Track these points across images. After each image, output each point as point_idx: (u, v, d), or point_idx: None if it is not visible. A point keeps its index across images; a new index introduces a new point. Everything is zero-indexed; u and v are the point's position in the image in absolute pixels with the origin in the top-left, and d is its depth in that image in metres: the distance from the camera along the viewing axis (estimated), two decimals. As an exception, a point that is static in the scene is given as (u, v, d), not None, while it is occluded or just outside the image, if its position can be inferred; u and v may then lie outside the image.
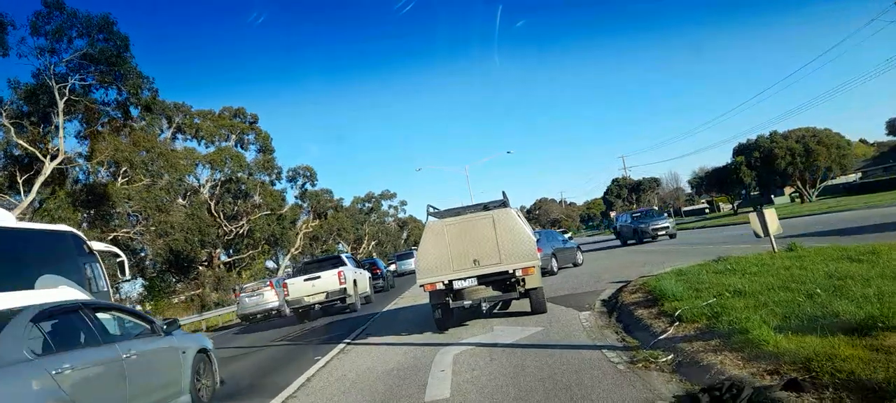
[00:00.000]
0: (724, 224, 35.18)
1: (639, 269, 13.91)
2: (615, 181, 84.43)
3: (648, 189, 77.79)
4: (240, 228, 42.16)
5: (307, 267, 19.30)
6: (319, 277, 17.42)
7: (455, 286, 9.43)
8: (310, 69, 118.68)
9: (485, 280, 9.44)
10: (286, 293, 17.98)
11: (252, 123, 45.05)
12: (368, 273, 21.80)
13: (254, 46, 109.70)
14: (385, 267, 29.70)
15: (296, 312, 18.20)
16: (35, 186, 24.21)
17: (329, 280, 17.34)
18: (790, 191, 55.00)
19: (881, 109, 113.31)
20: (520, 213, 10.97)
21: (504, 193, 10.34)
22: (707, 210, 70.33)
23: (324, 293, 17.29)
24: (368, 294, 20.21)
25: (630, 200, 78.79)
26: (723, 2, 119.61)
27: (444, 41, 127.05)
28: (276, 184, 46.87)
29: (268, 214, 43.08)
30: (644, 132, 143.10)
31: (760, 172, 49.07)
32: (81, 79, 25.09)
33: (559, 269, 18.00)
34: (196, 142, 41.67)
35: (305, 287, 17.39)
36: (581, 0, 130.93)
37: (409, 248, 52.02)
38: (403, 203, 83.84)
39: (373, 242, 70.67)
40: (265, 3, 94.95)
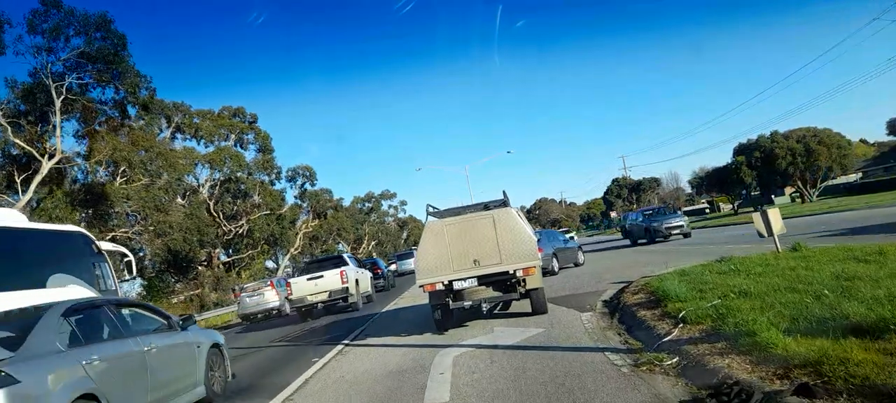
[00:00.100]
0: (725, 224, 35.05)
1: (640, 269, 13.78)
2: (615, 181, 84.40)
3: (649, 189, 77.75)
4: (239, 228, 42.04)
5: (310, 267, 19.51)
6: (322, 276, 17.60)
7: (455, 286, 9.30)
8: (310, 69, 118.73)
9: (485, 280, 9.31)
10: (289, 292, 18.27)
11: (251, 123, 44.98)
12: (370, 272, 21.96)
13: (254, 46, 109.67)
14: (386, 267, 29.78)
15: (299, 311, 18.36)
16: (32, 186, 24.09)
17: (332, 279, 17.53)
18: (791, 190, 54.84)
19: (882, 109, 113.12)
20: (520, 213, 10.84)
21: (504, 193, 10.23)
22: (707, 210, 70.10)
23: (326, 292, 17.49)
24: (370, 293, 20.34)
25: (630, 200, 78.70)
26: (723, 2, 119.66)
27: (444, 41, 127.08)
28: (276, 183, 46.90)
29: (267, 214, 42.98)
30: (644, 132, 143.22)
31: (761, 172, 48.93)
32: (79, 77, 25.02)
33: (560, 269, 17.96)
34: (195, 141, 41.65)
35: (308, 286, 17.60)
36: (581, 0, 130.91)
37: (410, 248, 51.93)
38: (403, 203, 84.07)
39: (373, 242, 70.59)
40: (265, 3, 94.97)
